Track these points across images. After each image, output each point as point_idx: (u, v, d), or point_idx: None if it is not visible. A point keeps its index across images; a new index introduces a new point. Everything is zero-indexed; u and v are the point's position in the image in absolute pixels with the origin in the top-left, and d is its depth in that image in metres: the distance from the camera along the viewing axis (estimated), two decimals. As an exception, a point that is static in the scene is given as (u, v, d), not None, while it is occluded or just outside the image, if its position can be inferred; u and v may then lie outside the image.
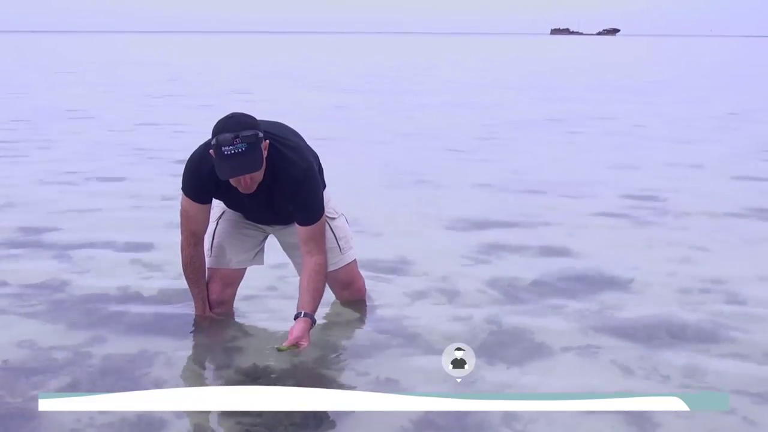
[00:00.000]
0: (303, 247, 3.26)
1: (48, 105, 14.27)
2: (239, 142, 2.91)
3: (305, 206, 3.21)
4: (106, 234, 5.24)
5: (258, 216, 3.45)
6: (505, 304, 4.01)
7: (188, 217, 3.29)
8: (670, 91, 19.50)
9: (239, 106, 12.53)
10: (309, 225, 3.22)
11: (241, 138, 2.92)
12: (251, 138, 2.94)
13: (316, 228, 3.24)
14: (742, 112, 13.75)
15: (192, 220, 3.29)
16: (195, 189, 3.23)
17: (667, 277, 4.44)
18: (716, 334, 3.62)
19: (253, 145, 2.95)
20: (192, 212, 3.27)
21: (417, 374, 3.14)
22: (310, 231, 3.23)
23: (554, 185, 7.10)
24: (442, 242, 5.19)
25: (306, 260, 3.26)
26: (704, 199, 6.55)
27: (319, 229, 3.25)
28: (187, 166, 3.24)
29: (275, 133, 3.15)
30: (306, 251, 3.25)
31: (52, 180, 7.27)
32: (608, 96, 17.37)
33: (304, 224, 3.23)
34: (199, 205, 3.26)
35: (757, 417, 2.84)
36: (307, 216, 3.22)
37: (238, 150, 2.92)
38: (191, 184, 3.23)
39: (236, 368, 3.20)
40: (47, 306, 3.92)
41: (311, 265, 3.23)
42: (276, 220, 3.45)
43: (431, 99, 16.29)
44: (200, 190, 3.23)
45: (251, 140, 2.94)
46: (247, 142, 2.93)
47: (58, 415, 2.75)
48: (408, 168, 7.98)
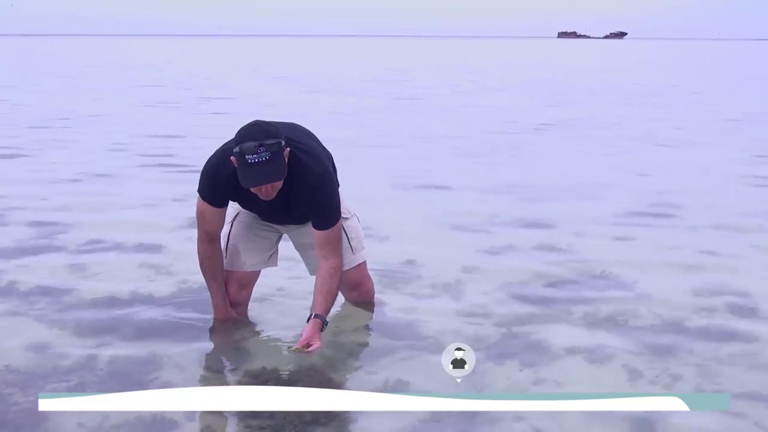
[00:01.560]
0: (319, 250, 3.26)
1: (56, 108, 14.31)
2: (263, 150, 2.91)
3: (322, 211, 3.22)
4: (115, 236, 5.25)
5: (273, 218, 3.46)
6: (515, 307, 4.01)
7: (204, 219, 3.30)
8: (678, 94, 19.46)
9: (249, 111, 12.51)
10: (325, 229, 3.23)
11: (265, 147, 2.91)
12: (275, 147, 2.94)
13: (332, 232, 3.24)
14: (750, 116, 13.71)
15: (207, 222, 3.30)
16: (212, 193, 3.23)
17: (676, 281, 4.43)
18: (726, 337, 3.61)
19: (276, 153, 2.95)
20: (208, 215, 3.28)
21: (426, 377, 3.13)
22: (326, 235, 3.24)
23: (563, 189, 7.09)
24: (451, 245, 5.19)
25: (321, 263, 3.27)
26: (713, 203, 6.53)
27: (335, 233, 3.26)
28: (204, 170, 3.24)
29: (292, 138, 3.14)
30: (321, 255, 3.26)
31: (61, 182, 7.30)
32: (616, 100, 17.35)
33: (321, 228, 3.23)
34: (215, 209, 3.26)
35: (766, 421, 2.83)
36: (324, 221, 3.23)
37: (261, 159, 2.92)
38: (208, 188, 3.23)
39: (245, 371, 3.20)
40: (56, 309, 3.93)
41: (326, 268, 3.25)
42: (291, 221, 3.46)
43: (439, 102, 16.30)
44: (217, 194, 3.23)
45: (275, 149, 2.94)
46: (271, 150, 2.93)
47: (68, 417, 2.75)
48: (416, 171, 7.98)
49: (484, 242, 5.22)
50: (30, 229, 5.49)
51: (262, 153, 2.91)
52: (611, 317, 3.86)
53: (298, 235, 3.57)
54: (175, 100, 16.47)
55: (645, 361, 3.33)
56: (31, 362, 3.29)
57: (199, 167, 3.32)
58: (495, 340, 3.58)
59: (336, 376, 3.18)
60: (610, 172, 8.06)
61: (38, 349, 3.42)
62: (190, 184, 7.18)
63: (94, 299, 4.06)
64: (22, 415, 2.84)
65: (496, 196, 6.85)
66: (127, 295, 4.11)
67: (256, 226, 3.51)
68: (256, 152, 2.91)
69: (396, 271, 4.51)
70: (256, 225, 3.51)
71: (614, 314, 3.90)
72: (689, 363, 3.33)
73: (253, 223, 3.50)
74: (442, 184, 7.31)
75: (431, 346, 3.46)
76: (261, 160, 2.92)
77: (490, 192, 7.04)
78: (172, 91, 19.32)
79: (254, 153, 2.91)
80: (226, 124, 11.75)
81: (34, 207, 6.20)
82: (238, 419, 2.78)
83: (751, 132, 11.49)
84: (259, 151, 2.91)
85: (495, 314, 3.89)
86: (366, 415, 2.80)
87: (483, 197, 6.81)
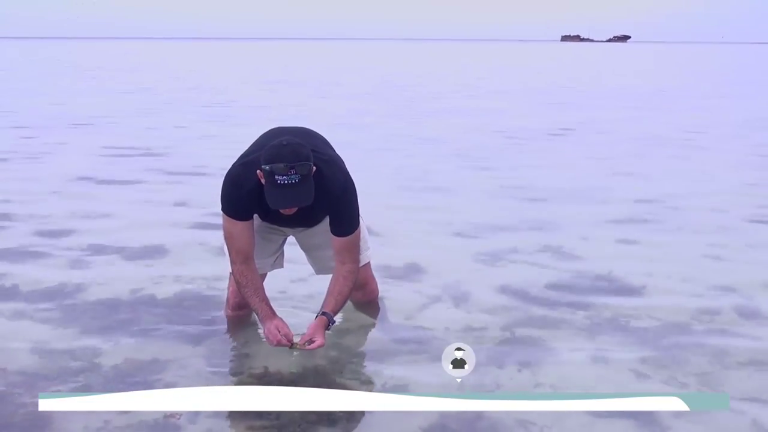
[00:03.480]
0: (336, 256, 3.27)
1: (62, 111, 14.34)
2: (294, 173, 2.89)
3: (342, 220, 3.21)
4: (119, 238, 5.28)
5: (286, 223, 3.43)
6: (517, 309, 4.01)
7: (233, 237, 3.21)
8: (681, 98, 19.45)
9: (254, 115, 12.50)
10: (346, 236, 3.23)
11: (296, 169, 2.89)
12: (305, 169, 2.92)
13: (351, 239, 3.25)
14: (753, 120, 13.70)
15: (237, 240, 3.21)
16: (236, 208, 3.17)
17: (679, 284, 4.43)
18: (729, 341, 3.61)
19: (305, 176, 2.93)
20: (236, 232, 3.20)
21: (429, 378, 3.14)
22: (345, 242, 3.24)
23: (565, 192, 7.09)
24: (454, 248, 5.20)
25: (338, 266, 3.27)
26: (716, 206, 6.53)
27: (354, 239, 3.26)
28: (225, 185, 3.17)
29: (312, 148, 3.09)
30: (339, 260, 3.26)
31: (65, 184, 7.32)
32: (618, 104, 17.32)
33: (341, 235, 3.23)
34: (243, 223, 3.20)
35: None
36: (345, 228, 3.22)
37: (292, 181, 2.90)
38: (232, 204, 3.17)
39: (249, 372, 3.21)
40: (60, 311, 3.94)
41: (342, 272, 3.25)
42: (302, 225, 3.46)
43: (442, 105, 16.30)
44: (242, 209, 3.17)
45: (304, 171, 2.92)
46: (301, 173, 2.90)
47: (72, 418, 2.77)
48: (419, 174, 8.00)
49: (487, 245, 5.23)
50: (33, 231, 5.51)
51: (292, 175, 2.89)
52: (613, 320, 3.87)
53: (305, 237, 3.57)
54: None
55: (647, 364, 3.33)
56: (35, 363, 3.31)
57: (204, 170, 3.32)
58: (497, 342, 3.58)
59: (339, 376, 3.19)
60: (613, 175, 8.06)
61: (42, 350, 3.44)
62: (192, 187, 7.20)
63: (98, 300, 4.08)
64: (28, 416, 2.85)
65: (498, 199, 6.86)
66: (130, 297, 4.13)
67: (262, 229, 3.51)
68: (287, 174, 2.88)
69: (399, 274, 4.53)
70: (263, 228, 3.50)
71: (616, 317, 3.90)
72: (692, 366, 3.33)
73: (260, 225, 3.50)
74: (445, 187, 7.32)
75: (434, 348, 3.46)
76: (291, 182, 2.90)
77: (492, 194, 7.05)
78: (187, 95, 19.34)
79: (284, 174, 2.88)
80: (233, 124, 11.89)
81: (37, 209, 6.22)
82: (242, 419, 2.79)
83: (755, 136, 11.48)
84: (290, 173, 2.88)
85: (498, 316, 3.89)
86: (370, 415, 2.82)
87: (485, 200, 6.82)
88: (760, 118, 14.14)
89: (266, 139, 3.15)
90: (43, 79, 26.29)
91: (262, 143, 3.13)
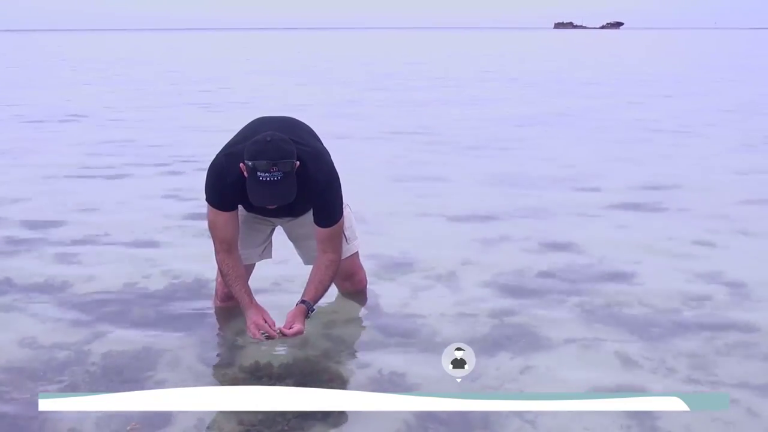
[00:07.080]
0: (319, 245, 3.26)
1: (57, 105, 14.28)
2: (276, 170, 2.88)
3: (326, 212, 3.21)
4: (109, 232, 5.25)
5: (272, 214, 3.41)
6: (509, 297, 4.00)
7: (217, 227, 3.21)
8: (675, 83, 19.44)
9: (241, 105, 12.43)
10: (329, 227, 3.23)
11: (278, 167, 2.88)
12: (287, 166, 2.91)
13: (334, 229, 3.24)
14: (746, 105, 13.70)
15: (220, 230, 3.21)
16: (221, 198, 3.16)
17: (671, 271, 4.43)
18: (721, 327, 3.60)
19: (288, 173, 2.92)
20: (220, 222, 3.20)
21: (420, 368, 3.13)
22: (328, 232, 3.23)
23: (558, 179, 7.08)
24: (446, 236, 5.19)
25: (319, 255, 3.27)
26: (709, 192, 6.53)
27: (337, 230, 3.26)
28: (209, 176, 3.16)
29: (295, 139, 3.08)
30: (321, 249, 3.26)
31: (55, 177, 7.29)
32: (612, 90, 17.32)
33: (324, 226, 3.22)
34: (227, 213, 3.19)
35: (760, 409, 2.83)
36: (328, 220, 3.22)
37: (274, 178, 2.89)
38: (216, 194, 3.16)
39: (239, 366, 3.19)
40: (49, 304, 3.92)
41: (324, 261, 3.25)
42: (288, 215, 3.44)
43: (434, 95, 16.25)
44: (226, 199, 3.16)
45: (287, 169, 2.91)
46: (284, 171, 2.90)
47: (60, 414, 2.74)
48: (411, 163, 7.97)
49: (478, 232, 5.22)
50: (23, 224, 5.48)
51: (274, 173, 2.88)
52: (605, 306, 3.86)
53: (293, 227, 3.56)
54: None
55: (639, 350, 3.33)
56: (24, 357, 3.28)
57: (193, 161, 3.29)
58: (488, 329, 3.57)
59: (329, 368, 3.17)
60: (606, 162, 8.05)
61: (31, 344, 3.41)
62: (183, 176, 7.16)
63: (88, 294, 4.05)
64: (16, 411, 2.83)
65: (490, 187, 6.85)
66: (120, 291, 4.10)
67: (249, 219, 3.48)
68: (269, 171, 2.88)
69: (391, 262, 4.51)
70: (251, 218, 3.48)
71: (609, 303, 3.90)
72: (683, 351, 3.32)
73: (247, 216, 3.48)
74: (437, 175, 7.30)
75: (425, 338, 3.46)
76: (273, 180, 2.89)
77: (484, 182, 7.03)
78: (177, 87, 19.24)
79: (267, 171, 2.88)
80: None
81: (26, 202, 6.19)
82: (232, 412, 2.76)
83: (748, 120, 11.49)
84: (272, 171, 2.88)
85: (489, 304, 3.88)
86: (358, 415, 2.77)
87: (477, 188, 6.81)
88: (753, 102, 14.14)
89: (251, 130, 3.13)
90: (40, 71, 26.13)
91: (246, 134, 3.11)
